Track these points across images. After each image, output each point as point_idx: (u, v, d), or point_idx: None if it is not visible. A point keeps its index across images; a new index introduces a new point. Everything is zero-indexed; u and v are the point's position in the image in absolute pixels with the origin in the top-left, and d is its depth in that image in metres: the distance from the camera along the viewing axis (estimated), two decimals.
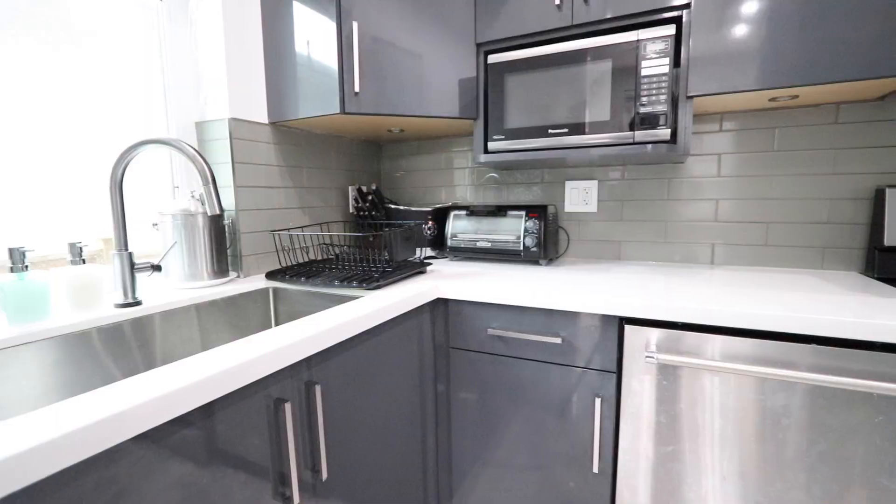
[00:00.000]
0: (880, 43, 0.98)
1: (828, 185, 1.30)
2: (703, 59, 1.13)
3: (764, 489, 0.94)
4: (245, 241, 1.33)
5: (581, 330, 1.07)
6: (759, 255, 1.40)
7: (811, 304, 0.93)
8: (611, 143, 1.21)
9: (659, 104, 1.14)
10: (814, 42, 1.03)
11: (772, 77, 1.08)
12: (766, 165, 1.36)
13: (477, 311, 1.19)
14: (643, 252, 1.55)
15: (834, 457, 0.87)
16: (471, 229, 1.57)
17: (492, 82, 1.35)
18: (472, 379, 1.22)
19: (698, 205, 1.46)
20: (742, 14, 1.08)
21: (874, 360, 0.83)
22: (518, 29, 1.32)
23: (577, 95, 1.24)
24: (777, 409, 0.91)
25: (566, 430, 1.12)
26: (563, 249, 1.68)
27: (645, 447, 1.03)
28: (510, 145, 1.34)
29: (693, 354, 0.96)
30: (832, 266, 1.32)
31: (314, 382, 0.79)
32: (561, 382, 1.11)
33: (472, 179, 1.82)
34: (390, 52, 1.31)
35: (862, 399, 0.84)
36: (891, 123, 1.23)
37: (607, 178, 1.58)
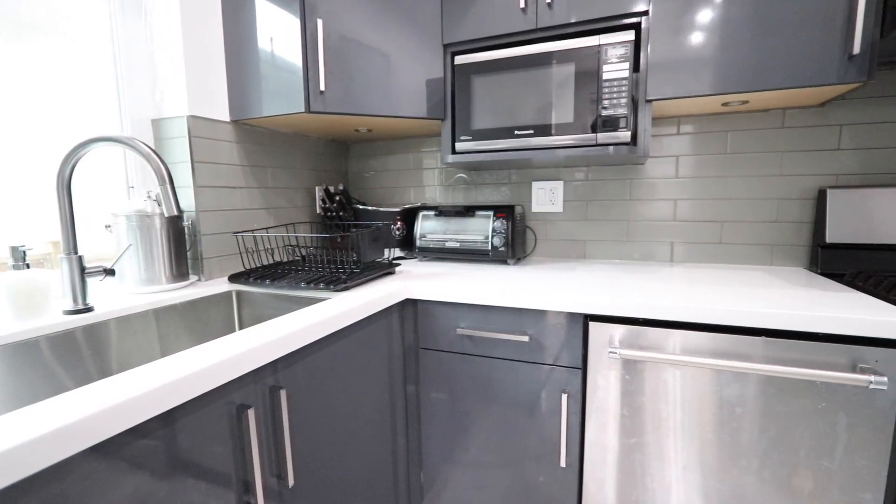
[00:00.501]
0: (819, 54, 1.04)
1: (776, 185, 1.38)
2: (661, 64, 1.17)
3: (721, 476, 0.98)
4: (206, 243, 1.29)
5: (548, 328, 1.09)
6: (714, 252, 1.47)
7: (761, 299, 0.98)
8: (574, 145, 1.24)
9: (620, 107, 1.17)
10: (762, 51, 1.09)
11: (724, 83, 1.13)
12: (720, 167, 1.43)
13: (446, 311, 1.19)
14: (607, 251, 1.60)
15: (783, 442, 0.93)
16: (439, 229, 1.58)
17: (458, 83, 1.36)
18: (441, 379, 1.23)
19: (658, 205, 1.51)
20: (697, 23, 1.13)
21: (817, 350, 0.88)
22: (484, 31, 1.33)
23: (542, 97, 1.26)
24: (732, 399, 0.95)
25: (535, 426, 1.14)
26: (531, 249, 1.70)
27: (610, 440, 1.07)
28: (477, 146, 1.35)
29: (654, 349, 1.00)
30: (780, 262, 1.40)
31: (279, 387, 0.77)
32: (529, 379, 1.13)
33: (442, 180, 1.82)
34: (357, 50, 1.30)
35: (807, 387, 0.90)
36: (830, 128, 1.31)
37: (572, 178, 1.61)
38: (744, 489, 0.97)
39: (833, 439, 0.89)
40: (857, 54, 1.00)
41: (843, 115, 1.29)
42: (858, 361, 0.86)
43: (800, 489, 0.93)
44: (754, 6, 1.08)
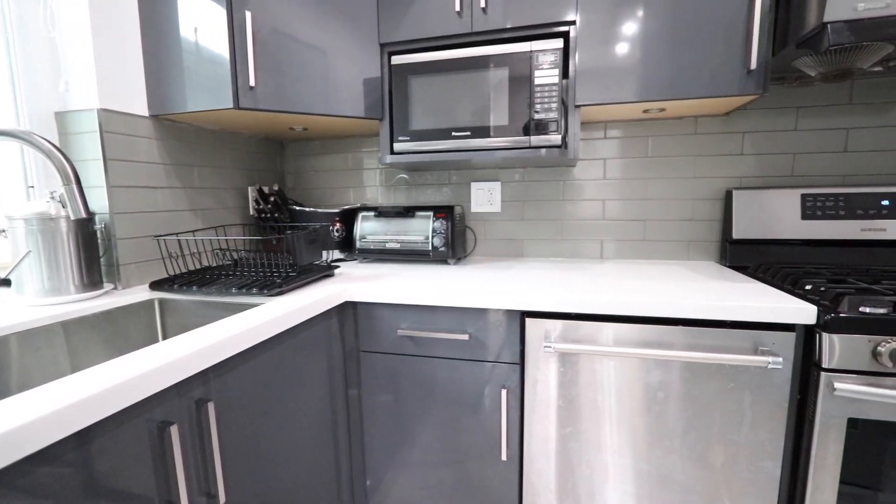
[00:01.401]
0: (724, 68, 1.15)
1: (691, 187, 1.50)
2: (588, 72, 1.24)
3: (647, 457, 1.06)
4: (123, 248, 1.18)
5: (487, 326, 1.12)
6: (639, 249, 1.57)
7: (679, 292, 1.07)
8: (509, 147, 1.28)
9: (551, 112, 1.23)
10: (677, 64, 1.18)
11: (644, 92, 1.22)
12: (643, 169, 1.54)
13: (386, 313, 1.18)
14: (543, 249, 1.66)
15: (699, 422, 1.01)
16: (380, 230, 1.56)
17: (396, 83, 1.35)
18: (383, 381, 1.21)
19: (588, 205, 1.60)
20: (620, 36, 1.21)
21: (725, 337, 0.97)
22: (420, 32, 1.33)
23: (478, 100, 1.29)
24: (655, 385, 1.03)
25: (477, 422, 1.16)
26: (471, 248, 1.73)
27: (548, 431, 1.11)
28: (416, 146, 1.36)
29: (586, 342, 1.05)
30: (696, 257, 1.53)
31: (206, 400, 0.73)
32: (470, 377, 1.14)
33: (382, 180, 1.81)
34: (291, 46, 1.25)
35: (718, 370, 0.99)
36: (734, 135, 1.45)
37: (509, 179, 1.66)
38: (668, 468, 1.05)
39: (740, 416, 0.99)
40: (754, 69, 1.12)
41: (744, 123, 1.44)
42: (759, 345, 0.95)
43: (713, 463, 1.02)
44: (670, 24, 1.17)
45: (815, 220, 1.32)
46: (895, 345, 0.85)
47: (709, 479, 1.03)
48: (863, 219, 1.29)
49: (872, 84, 1.34)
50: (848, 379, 0.89)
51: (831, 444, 0.92)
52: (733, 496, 1.02)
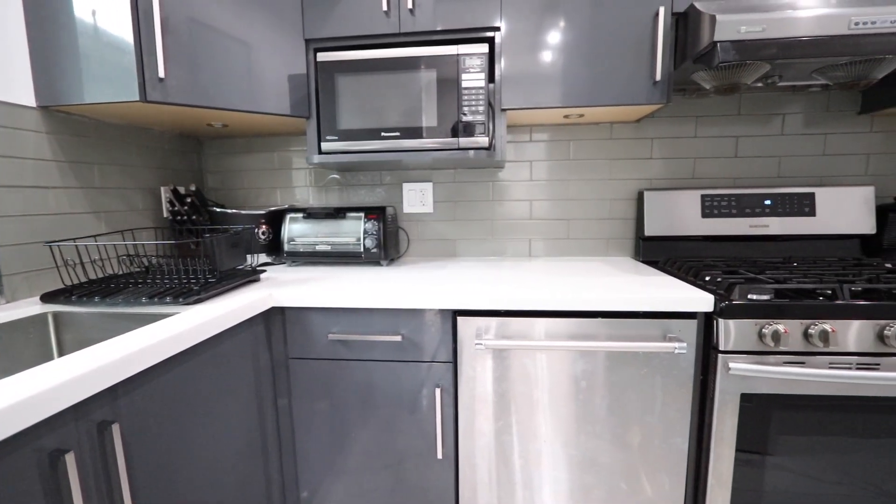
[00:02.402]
0: (634, 79, 1.25)
1: (608, 188, 1.61)
2: (513, 77, 1.29)
3: (575, 443, 1.12)
4: (6, 256, 1.04)
5: (420, 326, 1.12)
6: (564, 246, 1.66)
7: (599, 286, 1.14)
8: (439, 148, 1.29)
9: (478, 114, 1.26)
10: (594, 74, 1.26)
11: (565, 98, 1.28)
12: (566, 171, 1.62)
13: (316, 317, 1.15)
14: (475, 249, 1.70)
15: (618, 406, 1.09)
16: (309, 232, 1.51)
17: (322, 81, 1.32)
18: (316, 388, 1.18)
19: (517, 205, 1.66)
20: (543, 44, 1.27)
21: (639, 326, 1.06)
22: (347, 30, 1.31)
23: (407, 101, 1.29)
24: (579, 375, 1.09)
25: (413, 423, 1.16)
26: (404, 249, 1.73)
27: (481, 426, 1.14)
28: (344, 146, 1.33)
29: (516, 337, 1.09)
30: (614, 253, 1.65)
31: (110, 422, 0.66)
32: (405, 378, 1.14)
33: (312, 180, 1.75)
34: (208, 36, 1.17)
35: (633, 358, 1.07)
36: (644, 141, 1.58)
37: (441, 180, 1.68)
38: (592, 452, 1.11)
39: (653, 398, 1.08)
40: (659, 81, 1.22)
41: (653, 130, 1.57)
42: (667, 332, 1.05)
43: (631, 443, 1.10)
44: (588, 36, 1.25)
45: (713, 218, 1.48)
46: (776, 327, 0.97)
47: (628, 459, 1.11)
48: (750, 217, 1.46)
49: (756, 98, 1.52)
50: (740, 359, 1.00)
51: (728, 417, 1.03)
52: (649, 472, 1.10)
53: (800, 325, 0.98)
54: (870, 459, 1.01)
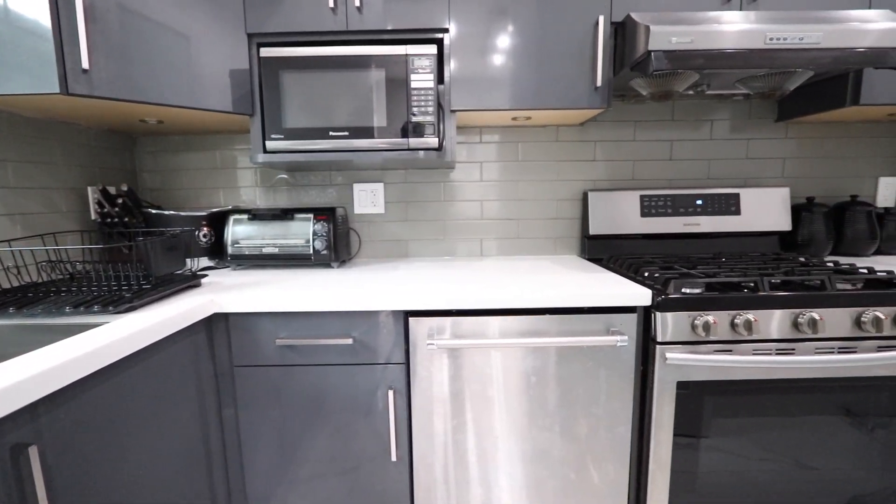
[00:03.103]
0: (577, 84, 1.30)
1: (555, 188, 1.67)
2: (462, 79, 1.30)
3: (528, 437, 1.15)
4: None
5: (371, 328, 1.11)
6: (514, 246, 1.70)
7: (547, 284, 1.17)
8: (389, 149, 1.29)
9: (427, 115, 1.26)
10: (540, 78, 1.30)
11: (513, 101, 1.31)
12: (515, 172, 1.66)
13: (263, 322, 1.10)
14: (427, 249, 1.70)
15: (566, 399, 1.13)
16: (255, 234, 1.45)
17: (266, 77, 1.27)
18: (263, 396, 1.13)
19: (468, 205, 1.68)
20: (491, 48, 1.29)
21: (585, 321, 1.10)
22: (291, 25, 1.27)
23: (356, 100, 1.27)
24: (529, 371, 1.12)
25: (367, 427, 1.14)
26: (356, 251, 1.71)
27: (435, 426, 1.14)
28: (291, 145, 1.29)
29: (468, 336, 1.10)
30: (561, 251, 1.70)
31: (26, 444, 0.60)
32: (357, 381, 1.13)
33: (259, 180, 1.68)
34: (140, 25, 1.10)
35: (579, 352, 1.11)
36: (588, 143, 1.65)
37: (392, 180, 1.67)
38: (543, 445, 1.15)
39: (598, 390, 1.12)
40: (599, 86, 1.28)
41: (596, 133, 1.64)
42: (610, 326, 1.10)
43: (579, 435, 1.14)
44: (534, 42, 1.28)
45: (651, 218, 1.56)
46: (706, 318, 1.05)
47: (576, 451, 1.15)
48: (684, 215, 1.56)
49: (688, 105, 1.63)
50: (675, 349, 1.07)
51: (666, 405, 1.09)
52: (596, 461, 1.15)
53: (727, 315, 1.06)
54: (789, 436, 1.11)
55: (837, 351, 1.07)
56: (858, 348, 1.07)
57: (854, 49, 1.10)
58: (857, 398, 1.09)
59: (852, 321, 1.06)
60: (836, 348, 1.07)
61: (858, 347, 1.07)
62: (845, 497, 1.14)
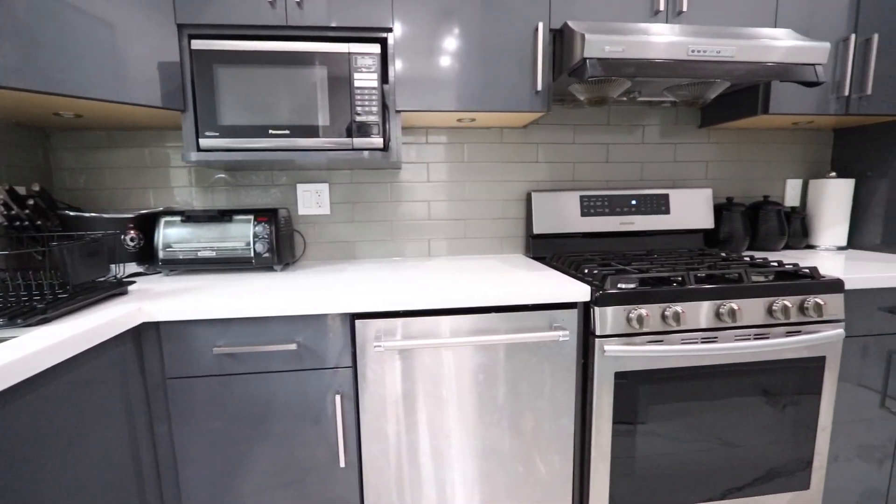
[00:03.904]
0: (519, 87, 1.34)
1: (500, 189, 1.71)
2: (406, 79, 1.30)
3: (477, 434, 1.16)
4: None
5: (316, 332, 1.08)
6: (462, 246, 1.72)
7: (493, 283, 1.20)
8: (332, 148, 1.26)
9: (372, 115, 1.25)
10: (485, 80, 1.32)
11: (458, 102, 1.33)
12: (461, 173, 1.68)
13: (198, 331, 1.04)
14: (374, 250, 1.69)
15: (513, 394, 1.16)
16: (190, 237, 1.37)
17: (199, 71, 1.20)
18: (200, 409, 1.07)
19: (415, 206, 1.68)
20: (436, 49, 1.30)
21: (529, 318, 1.13)
22: (225, 17, 1.21)
23: (297, 98, 1.23)
24: (477, 369, 1.14)
25: (314, 434, 1.11)
26: (301, 253, 1.65)
27: (384, 428, 1.13)
28: (227, 144, 1.23)
29: (415, 337, 1.10)
30: (507, 250, 1.75)
31: None
32: (302, 388, 1.09)
33: (195, 180, 1.59)
34: (53, 9, 1.01)
35: (524, 348, 1.14)
36: (531, 146, 1.70)
37: (338, 181, 1.64)
38: (492, 440, 1.17)
39: (542, 384, 1.16)
40: (540, 90, 1.32)
41: (538, 135, 1.70)
42: (553, 322, 1.14)
43: (525, 428, 1.18)
44: (478, 44, 1.31)
45: (590, 217, 1.64)
46: (640, 311, 1.11)
47: (523, 444, 1.18)
48: (619, 215, 1.65)
49: (622, 110, 1.72)
50: (613, 341, 1.12)
51: (605, 395, 1.15)
52: (542, 453, 1.19)
53: (658, 308, 1.13)
54: (715, 417, 1.21)
55: (753, 337, 1.17)
56: (770, 334, 1.18)
57: (764, 63, 1.22)
58: (772, 379, 1.21)
59: (765, 310, 1.17)
60: (752, 335, 1.17)
61: (770, 333, 1.18)
62: (764, 469, 1.25)
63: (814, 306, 1.16)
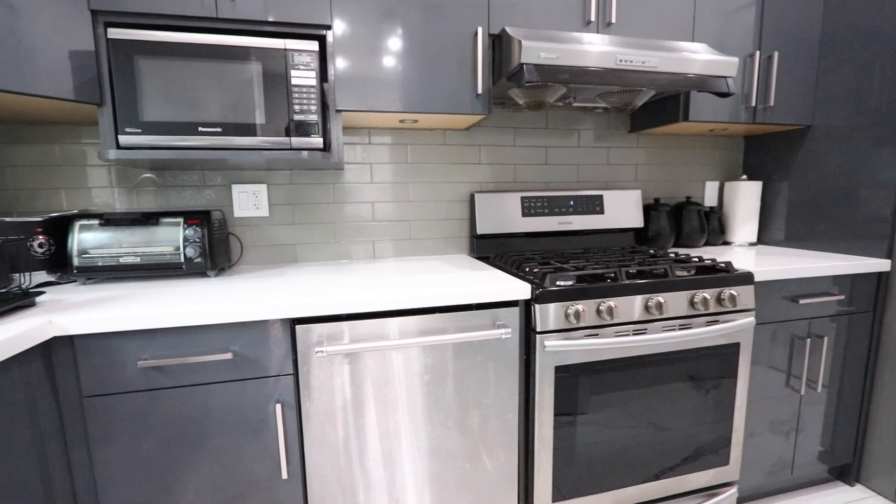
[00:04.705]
0: (460, 90, 1.36)
1: (444, 190, 1.72)
2: (347, 79, 1.28)
3: (425, 434, 1.16)
4: None
5: (253, 340, 1.03)
6: (406, 247, 1.72)
7: (438, 284, 1.20)
8: (269, 148, 1.21)
9: (311, 114, 1.21)
10: (427, 82, 1.33)
11: (400, 103, 1.32)
12: (405, 174, 1.68)
13: (120, 344, 0.96)
14: (317, 253, 1.64)
15: (459, 393, 1.17)
16: (111, 242, 1.26)
17: (117, 63, 1.11)
18: (125, 428, 0.99)
19: (359, 207, 1.65)
20: (378, 49, 1.28)
21: (473, 317, 1.15)
22: (146, 5, 1.13)
23: (230, 94, 1.17)
24: (422, 369, 1.14)
25: (255, 446, 1.06)
26: (237, 257, 1.58)
27: (328, 436, 1.10)
28: (150, 141, 1.14)
29: (358, 340, 1.08)
30: (452, 251, 1.77)
31: None
32: (240, 399, 1.04)
33: (118, 180, 1.46)
34: None
35: (469, 347, 1.16)
36: (474, 147, 1.73)
37: (278, 181, 1.58)
38: (439, 440, 1.17)
39: (487, 382, 1.19)
40: (480, 94, 1.35)
41: (480, 138, 1.73)
42: (496, 320, 1.16)
43: (472, 426, 1.19)
44: (420, 46, 1.31)
45: (531, 217, 1.70)
46: (577, 307, 1.17)
47: (470, 442, 1.20)
48: (558, 215, 1.72)
49: (559, 115, 1.80)
50: (552, 337, 1.17)
51: (546, 388, 1.19)
52: (488, 450, 1.21)
53: (594, 303, 1.19)
54: (647, 404, 1.29)
55: (678, 328, 1.26)
56: (693, 324, 1.27)
57: (684, 74, 1.32)
58: (695, 366, 1.31)
59: (688, 302, 1.26)
60: (677, 325, 1.26)
61: (693, 324, 1.27)
62: (691, 449, 1.35)
63: (729, 297, 1.27)
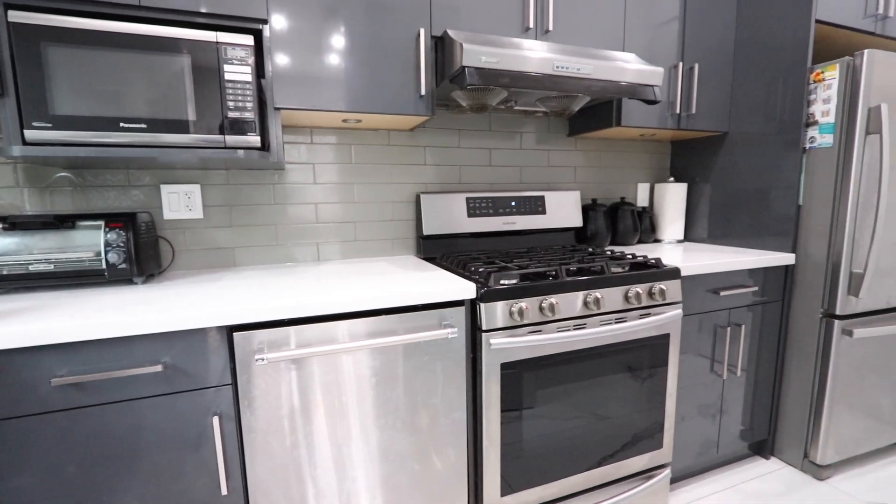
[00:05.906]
0: (404, 91, 1.35)
1: (389, 191, 1.71)
2: (286, 76, 1.23)
3: (373, 437, 1.14)
4: None
5: (186, 350, 0.97)
6: (352, 248, 1.69)
7: (383, 285, 1.19)
8: (201, 146, 1.14)
9: (246, 111, 1.16)
10: (369, 82, 1.31)
11: (342, 102, 1.30)
12: (349, 175, 1.65)
13: (29, 360, 0.87)
14: (257, 256, 1.57)
15: (407, 394, 1.17)
16: (18, 248, 1.14)
17: (21, 50, 1.01)
18: (42, 453, 0.89)
19: (302, 208, 1.60)
20: (318, 47, 1.25)
21: (420, 318, 1.15)
22: None
23: (156, 88, 1.09)
24: (368, 372, 1.12)
25: (191, 463, 1.00)
26: (168, 262, 1.48)
27: (271, 447, 1.06)
28: (63, 137, 1.04)
29: (301, 346, 1.05)
30: (399, 252, 1.76)
31: None
32: (172, 414, 0.97)
33: (28, 180, 1.32)
34: None
35: (416, 347, 1.16)
36: (419, 148, 1.73)
37: (213, 182, 1.49)
38: (389, 442, 1.16)
39: (435, 381, 1.19)
40: (423, 95, 1.35)
41: (425, 139, 1.73)
42: (442, 320, 1.17)
43: (421, 426, 1.19)
44: (363, 45, 1.29)
45: (476, 218, 1.72)
46: (520, 304, 1.20)
47: (419, 442, 1.20)
48: (502, 215, 1.76)
49: (502, 118, 1.84)
50: (498, 335, 1.19)
51: (493, 385, 1.22)
52: (437, 449, 1.22)
53: (537, 301, 1.23)
54: (589, 395, 1.35)
55: (614, 322, 1.33)
56: (627, 318, 1.35)
57: (616, 82, 1.39)
58: (631, 357, 1.39)
59: (623, 297, 1.34)
60: (614, 319, 1.33)
61: (627, 317, 1.35)
62: (629, 435, 1.43)
63: (659, 292, 1.36)
